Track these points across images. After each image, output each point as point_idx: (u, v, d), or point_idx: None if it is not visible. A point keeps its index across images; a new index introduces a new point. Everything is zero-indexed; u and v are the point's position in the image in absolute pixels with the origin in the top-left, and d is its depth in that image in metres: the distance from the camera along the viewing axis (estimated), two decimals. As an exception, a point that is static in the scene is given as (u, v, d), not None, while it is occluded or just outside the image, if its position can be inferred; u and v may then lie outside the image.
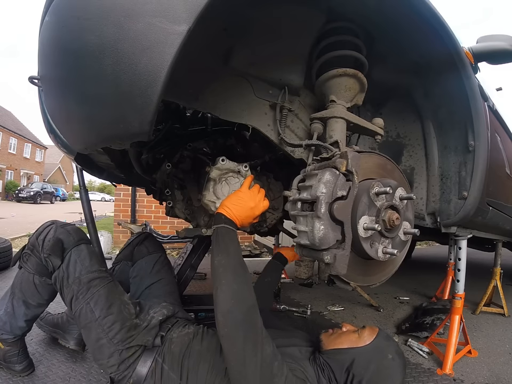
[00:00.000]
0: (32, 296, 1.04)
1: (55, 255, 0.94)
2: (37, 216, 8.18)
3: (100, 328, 0.89)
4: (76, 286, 0.93)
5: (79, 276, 0.94)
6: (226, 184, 1.01)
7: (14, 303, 1.05)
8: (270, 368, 0.71)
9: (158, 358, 0.88)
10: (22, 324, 1.07)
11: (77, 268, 0.95)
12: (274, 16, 0.77)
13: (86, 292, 0.92)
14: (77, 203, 15.76)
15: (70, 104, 0.65)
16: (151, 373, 0.86)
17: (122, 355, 0.88)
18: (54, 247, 0.95)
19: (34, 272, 1.01)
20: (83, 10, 0.54)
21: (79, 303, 0.91)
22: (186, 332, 0.95)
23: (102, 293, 0.94)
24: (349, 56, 0.86)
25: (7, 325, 1.07)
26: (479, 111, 0.98)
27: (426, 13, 0.77)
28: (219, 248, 0.79)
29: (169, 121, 1.16)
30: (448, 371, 1.27)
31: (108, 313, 0.91)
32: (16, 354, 1.10)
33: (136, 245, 1.33)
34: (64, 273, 0.94)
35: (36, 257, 0.99)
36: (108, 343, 0.88)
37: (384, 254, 0.76)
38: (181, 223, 3.94)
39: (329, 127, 0.87)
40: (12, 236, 4.30)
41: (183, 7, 0.51)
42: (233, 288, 0.73)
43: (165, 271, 1.27)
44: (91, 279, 0.94)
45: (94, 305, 0.91)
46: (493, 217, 1.28)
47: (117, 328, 0.90)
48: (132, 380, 0.87)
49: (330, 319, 1.86)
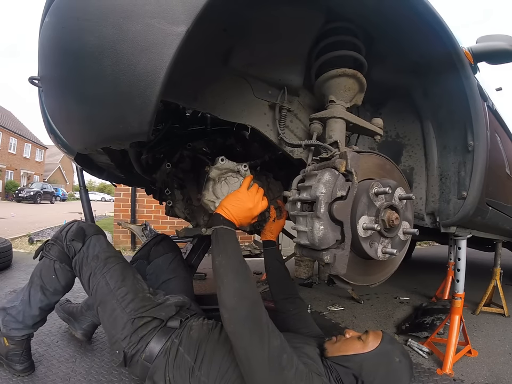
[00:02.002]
0: (50, 281, 1.09)
1: (77, 239, 1.06)
2: (37, 216, 8.17)
3: (114, 298, 0.96)
4: (94, 262, 1.02)
5: (97, 254, 1.04)
6: (226, 183, 1.01)
7: (31, 291, 1.09)
8: (278, 360, 0.72)
9: (175, 339, 0.91)
10: (35, 311, 1.09)
11: (96, 249, 1.06)
12: (273, 16, 0.77)
13: (103, 267, 1.01)
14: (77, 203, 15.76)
15: (70, 104, 0.66)
16: (164, 352, 0.88)
17: (134, 324, 0.91)
18: (77, 234, 1.07)
19: (56, 259, 1.09)
20: (83, 11, 0.54)
21: (96, 278, 0.99)
22: (206, 323, 0.98)
23: (117, 267, 1.03)
24: (348, 56, 0.86)
25: (20, 315, 1.08)
26: (478, 111, 0.98)
27: (425, 13, 0.77)
28: (219, 249, 0.81)
29: (169, 121, 1.17)
30: (448, 371, 1.28)
31: (122, 285, 0.99)
32: (20, 354, 1.11)
33: (154, 245, 1.37)
34: (84, 254, 1.04)
35: (59, 245, 1.09)
36: (122, 312, 0.93)
37: (384, 253, 0.77)
38: (181, 223, 3.94)
39: (329, 127, 0.87)
40: (12, 236, 4.30)
41: (181, 8, 0.51)
42: (235, 286, 0.75)
43: (181, 269, 1.31)
44: (108, 257, 1.05)
45: (109, 278, 0.99)
46: (492, 217, 1.28)
47: (130, 298, 0.96)
48: (144, 354, 0.88)
49: (330, 319, 1.86)
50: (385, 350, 0.86)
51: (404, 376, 0.84)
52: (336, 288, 2.40)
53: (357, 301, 2.19)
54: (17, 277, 2.38)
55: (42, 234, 4.95)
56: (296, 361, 0.75)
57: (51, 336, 1.43)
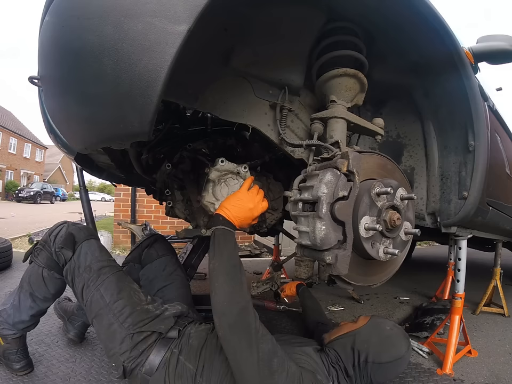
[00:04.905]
0: (39, 289, 1.06)
1: (67, 247, 0.99)
2: (37, 216, 8.16)
3: (111, 313, 0.91)
4: (87, 273, 0.96)
5: (89, 264, 0.98)
6: (226, 185, 1.00)
7: (21, 296, 1.07)
8: (268, 365, 0.73)
9: (174, 349, 0.89)
10: (25, 317, 1.08)
11: (88, 258, 0.99)
12: (274, 16, 0.76)
13: (97, 279, 0.95)
14: (77, 203, 15.76)
15: (70, 104, 0.65)
16: (164, 363, 0.87)
17: (134, 339, 0.88)
18: (66, 241, 1.00)
19: (44, 266, 1.05)
20: (83, 10, 0.54)
21: (90, 291, 0.94)
22: (204, 328, 0.98)
23: (112, 279, 0.97)
24: (349, 56, 0.86)
25: (10, 318, 1.08)
26: (479, 111, 0.98)
27: (426, 12, 0.77)
28: (214, 251, 0.81)
29: (169, 121, 1.16)
30: (448, 371, 1.27)
31: (118, 298, 0.93)
32: (15, 352, 1.11)
33: (146, 248, 1.32)
34: (75, 263, 0.98)
35: (47, 251, 1.03)
36: (119, 327, 0.89)
37: (385, 254, 0.76)
38: (181, 223, 3.94)
39: (330, 127, 0.87)
40: (12, 236, 4.29)
41: (183, 7, 0.51)
42: (225, 291, 0.76)
43: (177, 274, 1.26)
44: (101, 267, 0.98)
45: (104, 291, 0.94)
46: (493, 217, 1.28)
47: (128, 312, 0.92)
48: (144, 368, 0.86)
49: (330, 319, 1.86)
50: (376, 322, 0.96)
51: (398, 342, 0.89)
52: (336, 288, 2.40)
53: (357, 301, 2.19)
54: (17, 277, 2.38)
55: (42, 234, 4.93)
56: (288, 364, 0.76)
57: (51, 336, 1.43)
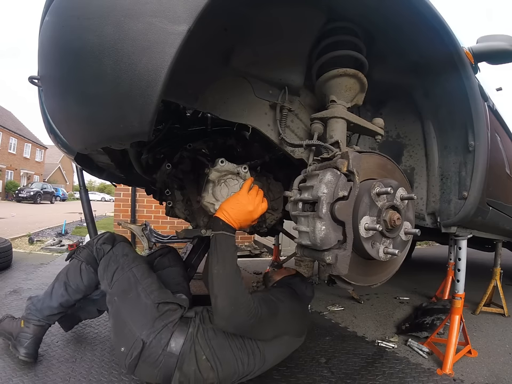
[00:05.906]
0: (74, 279, 1.18)
1: (108, 243, 1.17)
2: (37, 216, 8.16)
3: (140, 286, 1.03)
4: (123, 259, 1.12)
5: (127, 253, 1.15)
6: (225, 186, 1.00)
7: (55, 285, 1.20)
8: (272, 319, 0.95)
9: (196, 322, 0.98)
10: (55, 303, 1.17)
11: (125, 250, 1.17)
12: (274, 16, 0.76)
13: (131, 263, 1.11)
14: (77, 203, 15.74)
15: (70, 104, 0.65)
16: (189, 338, 0.93)
17: (159, 309, 0.97)
18: (108, 239, 1.20)
19: (83, 260, 1.20)
20: (83, 9, 0.54)
21: (123, 271, 1.08)
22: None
23: (144, 266, 1.13)
24: (349, 56, 0.86)
25: (39, 303, 1.19)
26: (479, 111, 0.98)
27: (426, 12, 0.77)
28: (217, 257, 0.86)
29: (169, 121, 1.16)
30: (448, 371, 1.27)
31: (148, 276, 1.09)
32: (28, 337, 1.16)
33: (159, 256, 1.38)
34: (113, 253, 1.15)
35: (89, 249, 1.21)
36: (146, 298, 1.00)
37: (385, 254, 0.76)
38: (181, 223, 3.94)
39: (330, 127, 0.87)
40: (12, 236, 4.28)
41: (183, 7, 0.51)
42: (231, 296, 0.84)
43: (182, 286, 1.31)
44: (136, 257, 1.16)
45: (136, 271, 1.08)
46: (493, 217, 1.28)
47: (155, 287, 1.05)
48: (168, 346, 0.90)
49: (330, 319, 1.86)
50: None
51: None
52: (336, 288, 2.40)
53: (357, 301, 2.19)
54: (17, 277, 2.38)
55: (42, 234, 4.95)
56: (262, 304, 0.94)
57: (51, 336, 1.42)
